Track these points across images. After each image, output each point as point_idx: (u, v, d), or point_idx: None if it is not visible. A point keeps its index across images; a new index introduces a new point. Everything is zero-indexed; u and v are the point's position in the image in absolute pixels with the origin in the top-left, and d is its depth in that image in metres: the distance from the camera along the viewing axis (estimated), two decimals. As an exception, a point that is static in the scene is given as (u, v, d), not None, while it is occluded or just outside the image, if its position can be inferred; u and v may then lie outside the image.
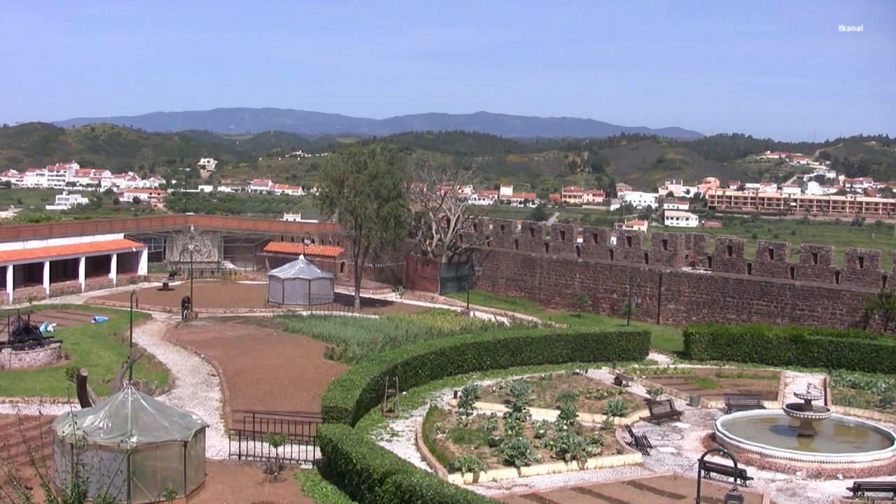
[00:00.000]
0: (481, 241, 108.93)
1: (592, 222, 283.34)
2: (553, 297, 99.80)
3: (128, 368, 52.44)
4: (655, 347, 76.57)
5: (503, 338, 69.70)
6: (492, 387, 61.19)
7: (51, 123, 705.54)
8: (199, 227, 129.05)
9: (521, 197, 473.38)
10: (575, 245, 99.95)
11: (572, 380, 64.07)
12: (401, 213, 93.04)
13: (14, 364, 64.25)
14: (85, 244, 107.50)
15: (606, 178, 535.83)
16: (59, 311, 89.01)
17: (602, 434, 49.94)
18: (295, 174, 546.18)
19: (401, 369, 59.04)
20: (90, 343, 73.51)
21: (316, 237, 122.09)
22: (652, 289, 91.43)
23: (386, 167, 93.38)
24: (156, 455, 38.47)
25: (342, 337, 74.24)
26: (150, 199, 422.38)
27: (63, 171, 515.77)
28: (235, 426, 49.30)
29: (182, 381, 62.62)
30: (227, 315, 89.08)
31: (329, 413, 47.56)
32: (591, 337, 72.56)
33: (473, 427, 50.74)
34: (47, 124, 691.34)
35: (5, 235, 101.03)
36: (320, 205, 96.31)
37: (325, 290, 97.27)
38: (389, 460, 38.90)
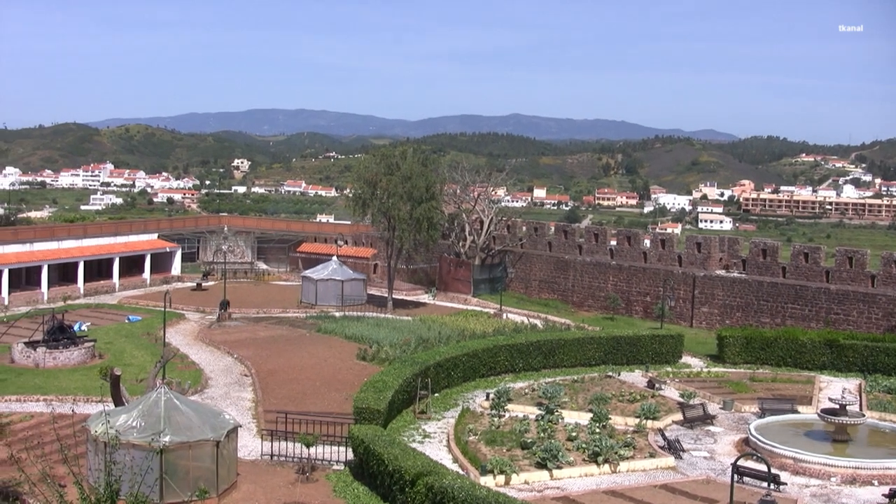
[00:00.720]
0: (514, 243, 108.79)
1: (626, 225, 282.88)
2: (586, 300, 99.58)
3: (161, 368, 52.63)
4: (689, 351, 76.27)
5: (536, 340, 69.59)
6: (524, 389, 61.11)
7: (86, 124, 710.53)
8: (233, 227, 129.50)
9: (554, 199, 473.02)
10: (608, 247, 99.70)
11: (605, 382, 63.89)
12: (434, 214, 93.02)
13: (48, 363, 64.64)
14: (119, 244, 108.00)
15: (640, 180, 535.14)
16: (93, 311, 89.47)
17: (634, 437, 49.75)
18: (328, 175, 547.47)
19: (433, 371, 59.02)
20: (124, 342, 73.84)
21: (349, 238, 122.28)
22: (685, 292, 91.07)
23: (419, 169, 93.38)
24: (188, 454, 38.57)
25: (375, 338, 74.26)
26: (184, 200, 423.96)
27: (98, 172, 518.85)
28: (268, 426, 49.38)
29: (215, 380, 62.81)
30: (260, 315, 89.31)
31: (361, 414, 47.59)
32: (624, 340, 72.34)
33: (505, 429, 50.68)
34: (82, 125, 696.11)
35: (40, 235, 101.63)
36: (353, 206, 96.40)
37: (358, 291, 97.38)
38: (421, 462, 38.89)
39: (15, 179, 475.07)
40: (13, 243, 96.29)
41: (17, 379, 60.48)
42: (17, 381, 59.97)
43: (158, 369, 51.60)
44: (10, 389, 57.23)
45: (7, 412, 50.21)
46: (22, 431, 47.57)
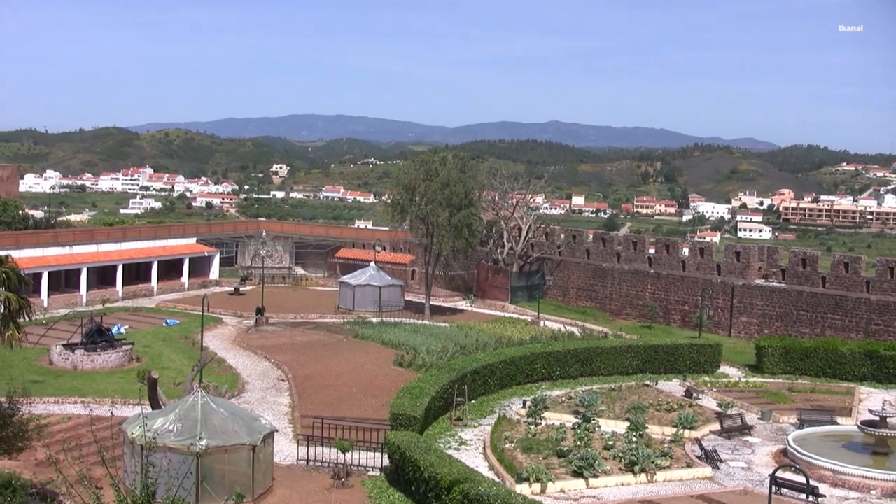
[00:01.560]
0: (552, 250, 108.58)
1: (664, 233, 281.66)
2: (624, 308, 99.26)
3: (198, 372, 52.83)
4: (727, 360, 75.80)
5: (573, 348, 69.36)
6: (561, 397, 60.91)
7: (126, 128, 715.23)
8: (271, 232, 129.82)
9: (592, 207, 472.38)
10: (647, 256, 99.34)
11: (642, 391, 63.60)
12: (472, 221, 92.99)
13: (86, 365, 64.96)
14: (158, 248, 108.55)
15: (679, 188, 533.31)
16: (132, 314, 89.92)
17: (671, 447, 49.48)
18: (367, 181, 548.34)
19: (470, 378, 58.89)
20: (161, 346, 74.17)
21: (387, 244, 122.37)
22: (724, 301, 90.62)
23: (458, 175, 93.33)
24: (224, 458, 38.65)
25: (412, 344, 74.25)
26: (223, 205, 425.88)
27: (137, 176, 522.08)
28: (304, 431, 49.46)
29: (252, 385, 62.93)
30: (297, 321, 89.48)
31: (398, 420, 47.54)
32: (662, 348, 71.99)
33: (542, 437, 50.51)
34: (122, 129, 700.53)
35: (80, 238, 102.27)
36: (392, 212, 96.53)
37: (396, 297, 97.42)
38: (457, 469, 38.78)
39: (55, 183, 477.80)
40: (53, 246, 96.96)
41: (55, 381, 60.83)
42: (56, 383, 60.32)
43: (196, 373, 51.79)
44: (48, 391, 57.52)
45: (45, 414, 50.43)
46: (59, 433, 47.77)
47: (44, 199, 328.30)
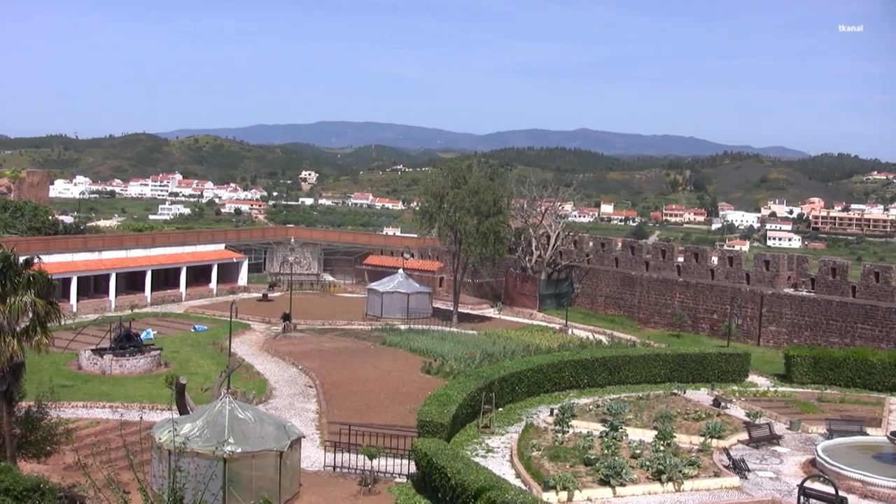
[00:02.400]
0: (581, 258, 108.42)
1: (693, 241, 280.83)
2: (652, 317, 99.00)
3: (226, 378, 52.91)
4: (755, 369, 75.43)
5: (601, 356, 69.15)
6: (588, 405, 60.75)
7: (155, 134, 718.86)
8: (300, 239, 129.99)
9: (621, 215, 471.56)
10: (675, 264, 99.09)
11: (670, 400, 63.37)
12: (501, 228, 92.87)
13: (115, 370, 65.16)
14: (186, 254, 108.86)
15: (708, 196, 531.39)
16: (160, 320, 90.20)
17: (699, 456, 49.25)
18: (395, 188, 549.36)
19: (497, 385, 58.80)
20: (189, 351, 74.34)
21: (415, 251, 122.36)
22: (753, 310, 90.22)
23: (487, 182, 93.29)
24: (251, 464, 38.72)
25: (439, 352, 74.25)
26: (252, 211, 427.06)
27: (166, 182, 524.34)
28: (331, 438, 49.47)
29: (279, 391, 63.01)
30: (325, 327, 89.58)
31: (425, 427, 47.52)
32: (690, 357, 71.73)
33: (569, 445, 50.38)
34: (152, 135, 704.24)
35: (109, 244, 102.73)
36: (420, 219, 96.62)
37: (424, 304, 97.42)
38: (484, 476, 38.69)
39: (85, 188, 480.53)
40: (82, 251, 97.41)
41: (83, 385, 61.02)
42: (84, 387, 60.51)
43: (224, 379, 51.88)
44: (76, 396, 57.70)
45: (73, 418, 50.56)
46: (88, 437, 47.91)
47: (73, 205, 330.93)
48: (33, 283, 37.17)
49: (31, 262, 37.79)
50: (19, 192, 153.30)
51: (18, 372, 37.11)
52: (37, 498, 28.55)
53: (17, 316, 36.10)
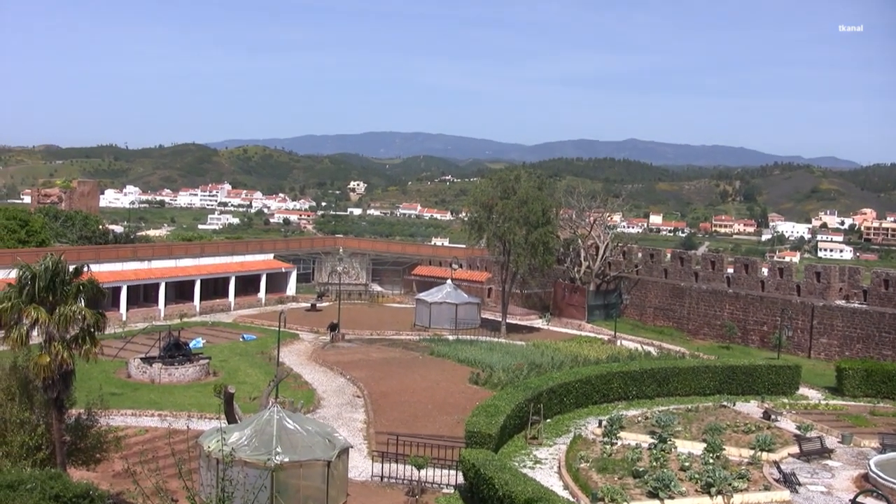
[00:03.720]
0: (630, 269, 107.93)
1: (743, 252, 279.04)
2: (702, 328, 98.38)
3: (274, 387, 53.00)
4: (806, 382, 74.74)
5: (650, 368, 68.75)
6: (637, 417, 60.43)
7: (205, 145, 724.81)
8: (348, 249, 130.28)
9: (670, 225, 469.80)
10: (725, 275, 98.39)
11: (719, 412, 62.87)
12: (549, 239, 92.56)
13: (164, 379, 65.51)
14: (235, 263, 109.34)
15: (758, 207, 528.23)
16: (209, 329, 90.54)
17: (749, 469, 48.81)
18: (444, 199, 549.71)
19: (545, 396, 58.59)
20: (238, 361, 74.59)
21: (464, 262, 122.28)
22: (803, 322, 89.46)
23: (535, 193, 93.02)
24: (299, 473, 38.69)
25: (488, 362, 74.09)
26: (300, 221, 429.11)
27: (215, 192, 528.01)
28: (379, 448, 49.49)
29: (327, 401, 63.08)
30: (373, 337, 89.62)
31: (473, 438, 47.39)
32: (740, 369, 71.14)
33: (617, 457, 50.10)
34: (201, 145, 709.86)
35: (159, 253, 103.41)
36: (468, 230, 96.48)
37: (472, 314, 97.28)
38: (532, 488, 38.50)
39: (135, 198, 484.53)
40: (132, 261, 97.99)
41: (133, 394, 61.37)
42: (133, 395, 60.85)
43: (272, 388, 51.98)
44: (126, 404, 58.02)
45: (123, 426, 50.83)
46: (136, 445, 48.11)
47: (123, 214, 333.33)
48: (83, 292, 37.36)
49: (81, 271, 37.97)
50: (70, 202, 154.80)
51: (68, 380, 37.29)
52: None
53: (66, 325, 36.29)
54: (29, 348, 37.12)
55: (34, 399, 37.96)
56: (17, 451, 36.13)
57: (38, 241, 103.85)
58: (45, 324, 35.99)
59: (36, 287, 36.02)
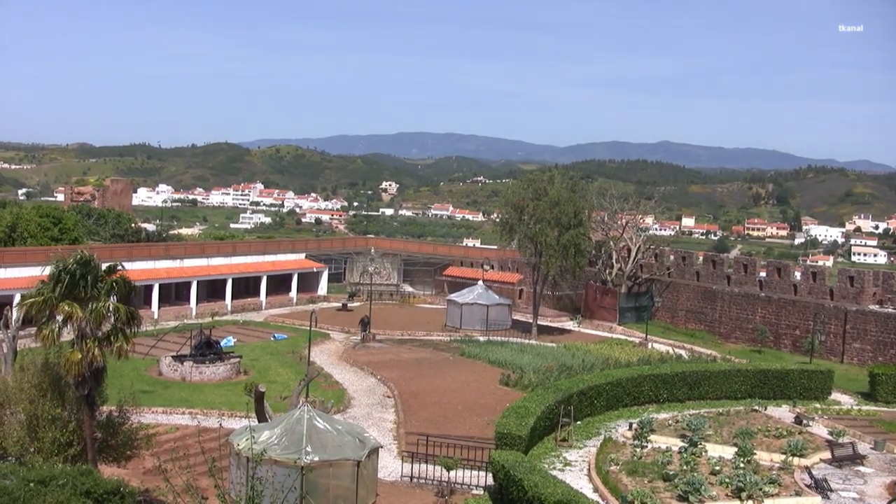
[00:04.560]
0: (662, 271, 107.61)
1: (776, 256, 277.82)
2: (733, 332, 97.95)
3: (305, 386, 53.04)
4: (839, 387, 74.27)
5: (681, 371, 68.43)
6: (668, 420, 60.17)
7: (237, 144, 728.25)
8: (380, 249, 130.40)
9: (703, 228, 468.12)
10: (757, 279, 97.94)
11: (751, 416, 62.54)
12: (581, 241, 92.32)
13: (195, 377, 65.69)
14: (267, 263, 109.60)
15: (791, 210, 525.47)
16: (240, 328, 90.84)
17: (780, 474, 48.52)
18: (475, 200, 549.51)
19: (576, 399, 58.47)
20: (269, 360, 74.73)
21: (495, 263, 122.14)
22: (836, 326, 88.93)
23: (567, 195, 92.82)
24: (329, 473, 38.70)
25: (518, 364, 74.01)
26: (332, 221, 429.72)
27: (247, 191, 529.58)
28: (409, 448, 49.44)
29: (357, 401, 63.13)
30: (404, 337, 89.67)
31: (503, 439, 47.31)
32: (772, 373, 70.76)
33: (648, 460, 49.93)
34: (234, 145, 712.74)
35: (191, 252, 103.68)
36: (500, 231, 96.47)
37: (503, 316, 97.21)
38: (561, 490, 38.38)
39: (167, 197, 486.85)
40: (164, 259, 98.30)
41: (164, 391, 61.56)
42: (164, 393, 61.04)
43: (302, 388, 52.02)
44: (157, 402, 58.20)
45: (153, 423, 50.94)
46: (167, 443, 48.27)
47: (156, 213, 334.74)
48: (115, 289, 37.46)
49: (114, 269, 38.07)
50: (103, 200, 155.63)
51: (100, 377, 37.38)
52: (117, 501, 28.70)
53: (98, 322, 36.39)
54: (60, 345, 37.27)
55: (66, 396, 38.11)
56: (49, 447, 36.31)
57: (70, 238, 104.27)
58: (77, 320, 36.08)
59: (69, 283, 36.12)
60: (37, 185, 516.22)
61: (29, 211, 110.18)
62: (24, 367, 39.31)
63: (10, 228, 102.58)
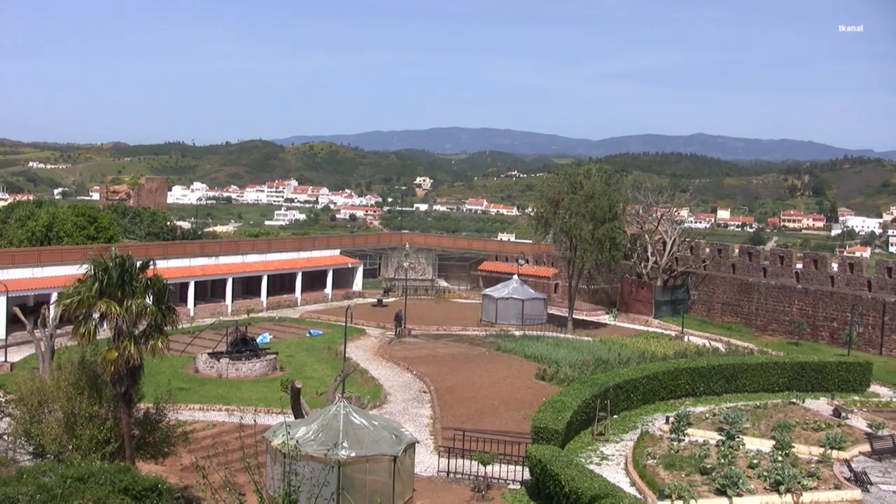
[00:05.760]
0: (697, 264, 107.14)
1: (812, 248, 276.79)
2: (770, 324, 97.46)
3: (341, 382, 53.09)
4: (877, 379, 73.77)
5: (717, 364, 68.08)
6: (705, 413, 59.92)
7: (271, 141, 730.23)
8: (414, 244, 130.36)
9: (738, 221, 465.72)
10: (794, 271, 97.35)
11: (788, 409, 62.18)
12: (616, 234, 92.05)
13: (231, 374, 65.92)
14: (302, 259, 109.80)
15: (828, 202, 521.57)
16: (276, 324, 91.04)
17: (818, 467, 48.21)
18: (510, 194, 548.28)
19: (612, 392, 58.32)
20: (305, 356, 74.89)
21: (530, 257, 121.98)
22: (874, 318, 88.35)
23: (602, 188, 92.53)
24: (365, 468, 38.72)
25: (554, 358, 73.87)
26: (366, 217, 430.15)
27: (282, 188, 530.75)
28: (445, 443, 49.47)
29: (394, 396, 63.16)
30: (439, 333, 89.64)
31: (539, 434, 47.23)
32: (809, 366, 70.31)
33: (685, 454, 49.73)
34: (268, 142, 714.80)
35: (226, 249, 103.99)
36: (535, 225, 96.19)
37: (539, 310, 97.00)
38: (598, 484, 38.29)
39: (202, 194, 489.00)
40: (200, 257, 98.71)
41: (200, 388, 61.84)
42: (201, 390, 61.31)
43: (338, 383, 52.07)
44: (193, 398, 58.48)
45: (190, 420, 51.11)
46: (204, 440, 48.45)
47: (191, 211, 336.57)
48: (151, 287, 37.62)
49: (149, 267, 38.23)
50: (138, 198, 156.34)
51: (136, 374, 37.57)
52: (154, 498, 28.80)
53: (134, 320, 36.56)
54: (97, 343, 37.47)
55: (103, 393, 38.35)
56: (87, 444, 36.55)
57: (106, 237, 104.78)
58: (114, 318, 36.27)
59: (106, 282, 36.30)
60: (72, 184, 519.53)
61: (65, 210, 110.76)
62: (61, 365, 39.57)
63: (46, 228, 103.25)
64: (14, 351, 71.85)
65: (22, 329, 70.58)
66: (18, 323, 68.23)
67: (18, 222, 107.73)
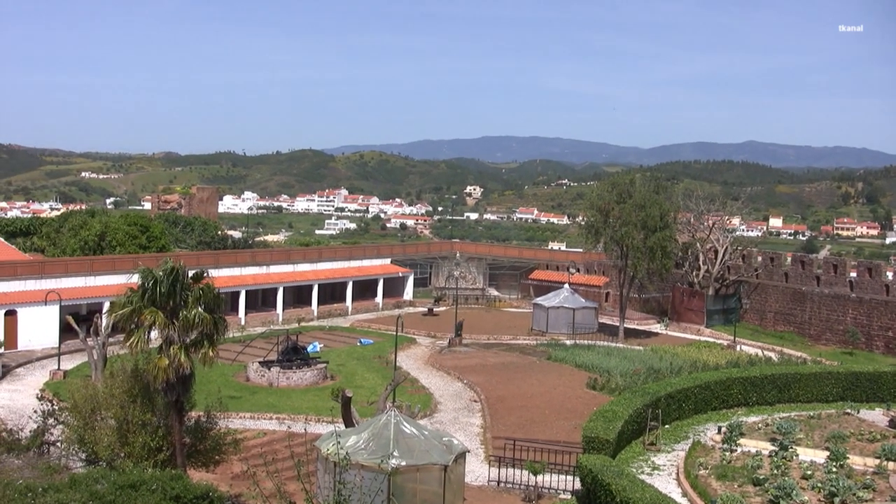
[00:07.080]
0: (749, 273, 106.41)
1: (866, 256, 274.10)
2: (823, 333, 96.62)
3: (391, 391, 53.10)
4: (933, 389, 72.93)
5: (770, 373, 67.56)
6: (757, 423, 59.42)
7: (321, 150, 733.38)
8: (465, 253, 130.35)
9: (790, 228, 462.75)
10: (847, 279, 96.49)
11: (843, 420, 61.54)
12: (668, 243, 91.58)
13: (282, 382, 66.12)
14: (352, 268, 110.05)
15: (882, 210, 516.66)
16: (326, 333, 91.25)
17: (874, 479, 47.64)
18: (560, 203, 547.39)
19: (664, 402, 57.98)
20: (355, 365, 75.01)
21: (581, 266, 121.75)
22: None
23: (653, 197, 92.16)
24: (416, 477, 38.68)
25: (605, 367, 73.64)
26: (417, 226, 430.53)
27: (332, 197, 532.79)
28: (495, 452, 49.43)
29: (444, 405, 63.13)
30: (490, 342, 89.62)
31: (590, 443, 46.99)
32: (864, 376, 69.54)
33: (737, 464, 49.32)
34: (318, 151, 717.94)
35: (277, 258, 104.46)
36: (586, 234, 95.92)
37: (590, 319, 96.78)
38: (650, 494, 38.03)
39: (253, 204, 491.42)
40: (251, 266, 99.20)
41: (251, 397, 62.08)
42: (252, 399, 61.54)
43: (389, 392, 52.07)
44: (244, 407, 58.70)
45: (241, 429, 51.32)
46: (255, 448, 48.57)
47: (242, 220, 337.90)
48: (202, 296, 37.79)
49: (201, 276, 38.39)
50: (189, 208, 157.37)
51: (187, 383, 37.80)
52: (205, 506, 28.94)
53: (186, 329, 36.78)
54: (149, 352, 37.69)
55: (155, 402, 38.59)
56: (139, 451, 36.81)
57: (158, 246, 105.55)
58: (165, 327, 36.49)
59: (157, 291, 36.52)
60: (124, 194, 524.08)
61: (117, 220, 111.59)
62: (113, 373, 39.88)
63: (98, 237, 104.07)
64: (67, 359, 72.36)
65: (75, 337, 70.96)
66: (72, 331, 68.63)
67: (71, 231, 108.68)
